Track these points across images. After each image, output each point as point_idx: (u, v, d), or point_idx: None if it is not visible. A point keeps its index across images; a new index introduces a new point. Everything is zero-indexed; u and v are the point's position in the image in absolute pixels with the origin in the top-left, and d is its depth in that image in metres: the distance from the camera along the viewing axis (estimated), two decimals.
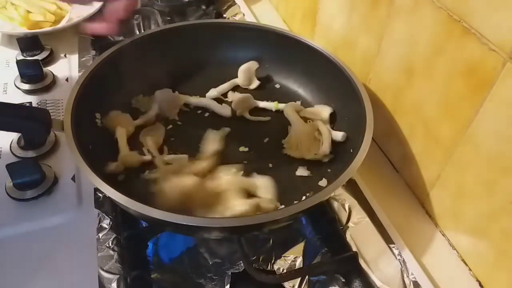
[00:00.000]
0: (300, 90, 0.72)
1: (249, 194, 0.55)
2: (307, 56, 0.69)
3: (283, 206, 0.54)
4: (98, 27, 0.53)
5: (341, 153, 0.60)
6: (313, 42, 0.69)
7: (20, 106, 0.66)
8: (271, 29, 0.72)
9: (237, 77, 0.73)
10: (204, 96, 0.70)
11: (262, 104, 0.70)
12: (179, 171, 0.56)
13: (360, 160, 0.51)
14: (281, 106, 0.69)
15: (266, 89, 0.73)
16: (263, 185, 0.57)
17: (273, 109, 0.69)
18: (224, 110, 0.68)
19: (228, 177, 0.56)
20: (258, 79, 0.73)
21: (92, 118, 0.60)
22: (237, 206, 0.52)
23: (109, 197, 0.57)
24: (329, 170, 0.60)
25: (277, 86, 0.73)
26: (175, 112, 0.68)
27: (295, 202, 0.54)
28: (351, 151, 0.54)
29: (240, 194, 0.54)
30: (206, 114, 0.69)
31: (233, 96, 0.70)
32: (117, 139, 0.60)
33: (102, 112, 0.62)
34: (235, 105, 0.68)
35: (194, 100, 0.70)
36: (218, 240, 0.59)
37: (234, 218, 0.51)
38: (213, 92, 0.71)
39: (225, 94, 0.71)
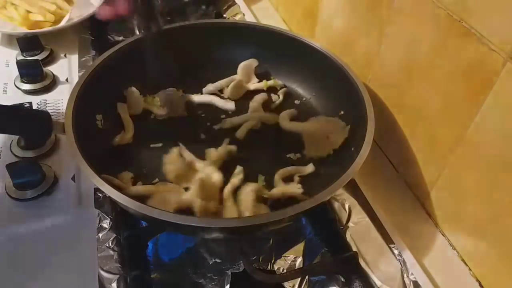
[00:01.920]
0: (300, 89, 0.72)
1: None
2: (307, 55, 0.69)
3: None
4: (109, 11, 0.53)
5: (342, 153, 0.60)
6: (311, 41, 0.69)
7: (21, 109, 0.66)
8: (270, 29, 0.72)
9: None
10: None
11: (253, 86, 0.71)
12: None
13: (361, 161, 0.51)
14: (270, 83, 0.71)
15: None
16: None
17: (265, 88, 0.71)
18: (228, 105, 0.69)
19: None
20: (257, 77, 0.73)
21: (92, 120, 0.60)
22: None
23: (109, 197, 0.57)
24: (329, 170, 0.60)
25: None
26: (179, 111, 0.68)
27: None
28: (352, 149, 0.54)
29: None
30: (203, 115, 0.69)
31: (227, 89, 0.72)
32: (119, 114, 0.65)
33: (103, 113, 0.62)
34: (231, 93, 0.70)
35: (197, 98, 0.70)
36: (218, 240, 0.59)
37: (234, 219, 0.51)
38: (209, 87, 0.71)
39: (221, 90, 0.72)
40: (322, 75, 0.68)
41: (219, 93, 0.72)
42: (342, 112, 0.64)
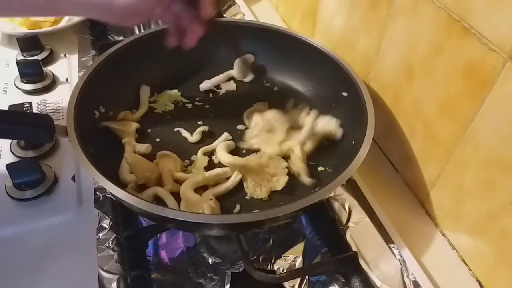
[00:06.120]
0: (297, 86, 0.72)
1: None
2: (305, 52, 0.69)
3: None
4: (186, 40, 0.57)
5: (341, 152, 0.60)
6: (310, 38, 0.69)
7: (23, 113, 0.66)
8: (269, 27, 0.72)
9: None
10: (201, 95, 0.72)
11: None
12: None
13: (360, 159, 0.51)
14: None
15: (260, 82, 0.74)
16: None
17: None
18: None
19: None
20: (254, 73, 0.74)
21: (93, 122, 0.60)
22: None
23: (110, 197, 0.57)
24: (329, 169, 0.60)
25: (272, 80, 0.74)
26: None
27: None
28: (352, 148, 0.54)
29: None
30: (189, 106, 0.69)
31: (225, 86, 0.72)
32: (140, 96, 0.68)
33: (104, 112, 0.62)
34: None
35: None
36: (218, 240, 0.59)
37: (234, 215, 0.51)
38: (206, 84, 0.72)
39: (217, 86, 0.73)
40: (320, 72, 0.68)
41: (215, 88, 0.72)
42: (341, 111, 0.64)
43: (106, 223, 0.55)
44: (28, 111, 0.70)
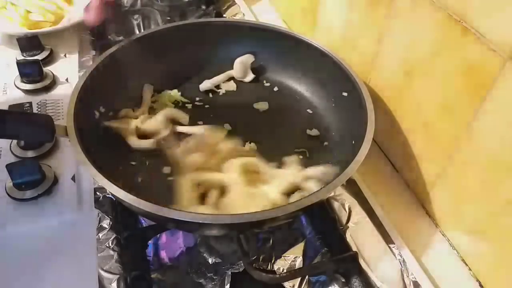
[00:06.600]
0: (297, 86, 0.72)
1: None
2: (305, 52, 0.69)
3: None
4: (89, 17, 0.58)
5: (341, 152, 0.60)
6: (310, 39, 0.69)
7: (23, 113, 0.65)
8: (269, 27, 0.73)
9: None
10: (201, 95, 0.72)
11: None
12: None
13: (360, 160, 0.51)
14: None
15: (260, 82, 0.74)
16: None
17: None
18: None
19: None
20: (254, 72, 0.74)
21: (93, 121, 0.60)
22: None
23: (109, 197, 0.57)
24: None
25: (272, 80, 0.74)
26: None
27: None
28: (352, 148, 0.54)
29: None
30: (189, 106, 0.70)
31: (225, 86, 0.73)
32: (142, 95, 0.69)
33: (104, 113, 0.62)
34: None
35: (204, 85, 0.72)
36: (218, 240, 0.59)
37: (233, 215, 0.51)
38: (206, 84, 0.72)
39: (217, 86, 0.73)
40: (320, 72, 0.68)
41: (215, 88, 0.72)
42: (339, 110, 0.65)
43: (106, 223, 0.55)
44: (28, 111, 0.70)
